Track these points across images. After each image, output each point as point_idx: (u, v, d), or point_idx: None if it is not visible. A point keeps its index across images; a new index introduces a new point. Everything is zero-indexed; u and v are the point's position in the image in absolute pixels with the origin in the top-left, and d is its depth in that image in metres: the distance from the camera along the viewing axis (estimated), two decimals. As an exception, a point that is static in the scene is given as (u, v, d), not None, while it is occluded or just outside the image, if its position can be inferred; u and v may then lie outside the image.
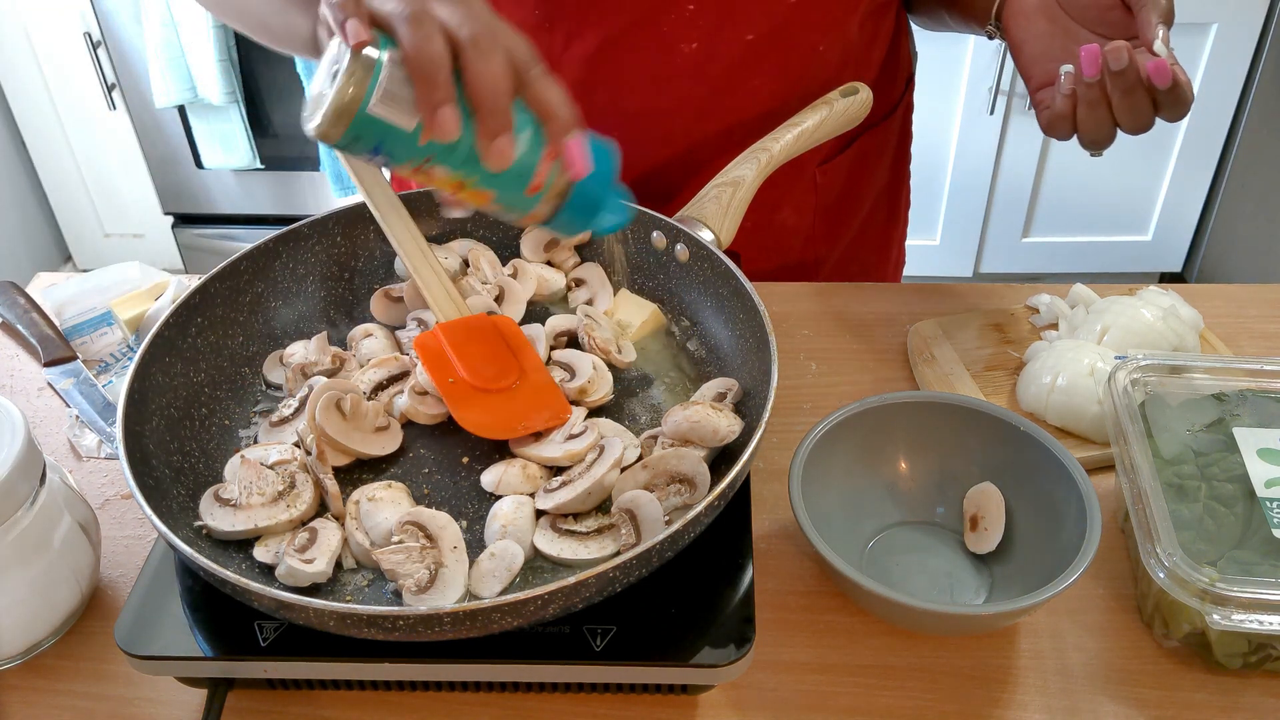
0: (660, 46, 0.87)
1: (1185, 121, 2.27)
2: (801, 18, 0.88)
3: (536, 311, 0.84)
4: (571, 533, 0.65)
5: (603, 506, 0.67)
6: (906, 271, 1.23)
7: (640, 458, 0.69)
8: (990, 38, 0.85)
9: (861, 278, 1.08)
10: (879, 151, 1.05)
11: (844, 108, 0.89)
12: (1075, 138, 0.74)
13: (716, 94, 0.90)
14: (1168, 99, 0.70)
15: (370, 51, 0.54)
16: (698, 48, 0.87)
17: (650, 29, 0.86)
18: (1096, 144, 0.74)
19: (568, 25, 0.87)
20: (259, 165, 2.46)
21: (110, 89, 2.41)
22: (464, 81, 0.55)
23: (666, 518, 0.64)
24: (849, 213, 1.06)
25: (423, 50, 0.53)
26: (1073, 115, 0.73)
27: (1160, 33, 0.69)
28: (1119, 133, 0.73)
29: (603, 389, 0.75)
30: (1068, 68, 0.72)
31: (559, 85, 0.59)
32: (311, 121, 0.56)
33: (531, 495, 0.68)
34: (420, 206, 0.85)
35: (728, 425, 0.68)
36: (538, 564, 0.65)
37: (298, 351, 0.78)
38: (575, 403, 0.74)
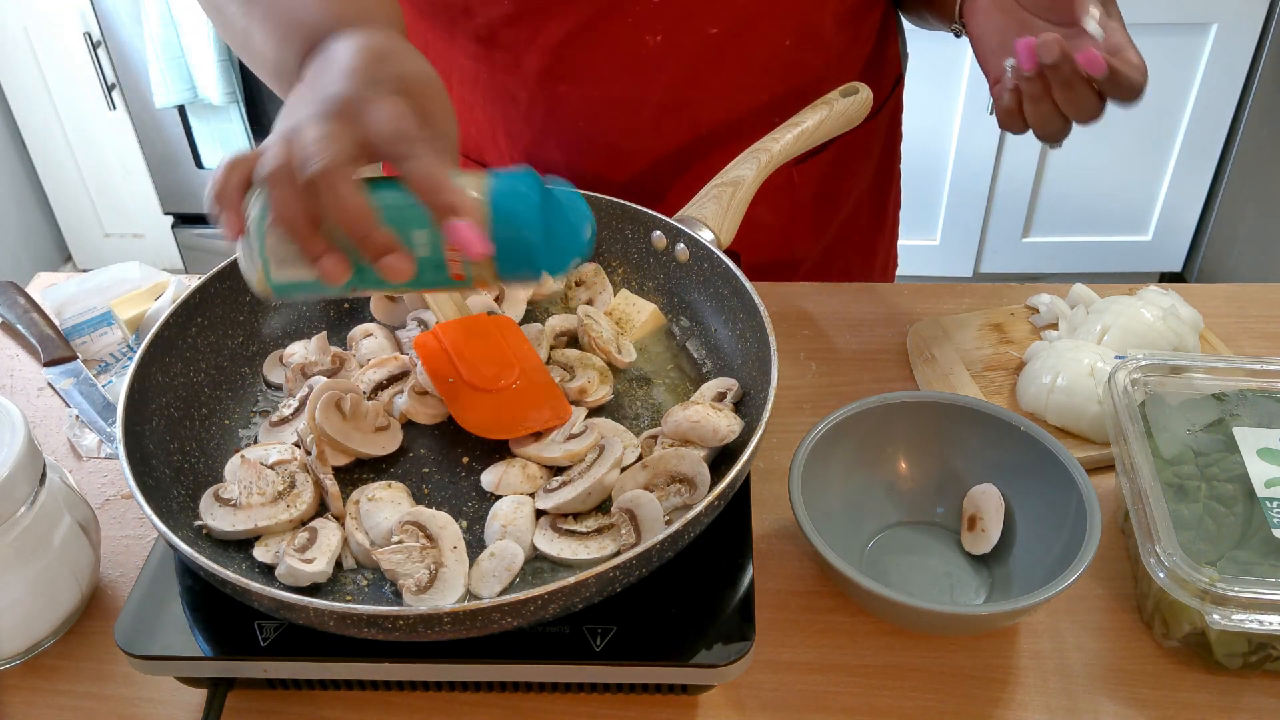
0: (625, 37, 0.87)
1: (1185, 121, 2.27)
2: (767, 12, 0.88)
3: (536, 312, 0.84)
4: (571, 533, 0.65)
5: (603, 506, 0.67)
6: (907, 271, 1.22)
7: (640, 458, 0.69)
8: (956, 35, 0.84)
9: (843, 279, 1.08)
10: (863, 152, 1.05)
11: (844, 108, 0.89)
12: (1031, 132, 0.73)
13: (681, 87, 0.90)
14: (1111, 86, 0.68)
15: (248, 232, 0.56)
16: (662, 40, 0.87)
17: (615, 20, 0.86)
18: (1050, 137, 0.72)
19: (535, 15, 0.87)
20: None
21: (110, 89, 2.41)
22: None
23: (666, 518, 0.64)
24: (828, 213, 1.05)
25: (281, 214, 0.54)
26: (1020, 109, 0.72)
27: (1093, 12, 0.67)
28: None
29: (603, 389, 0.75)
30: (1010, 62, 0.70)
31: (436, 162, 0.55)
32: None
33: (531, 495, 0.68)
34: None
35: (728, 425, 0.68)
36: (538, 564, 0.65)
37: (298, 351, 0.78)
38: (575, 403, 0.74)
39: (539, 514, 0.67)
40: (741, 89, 0.91)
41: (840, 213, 1.06)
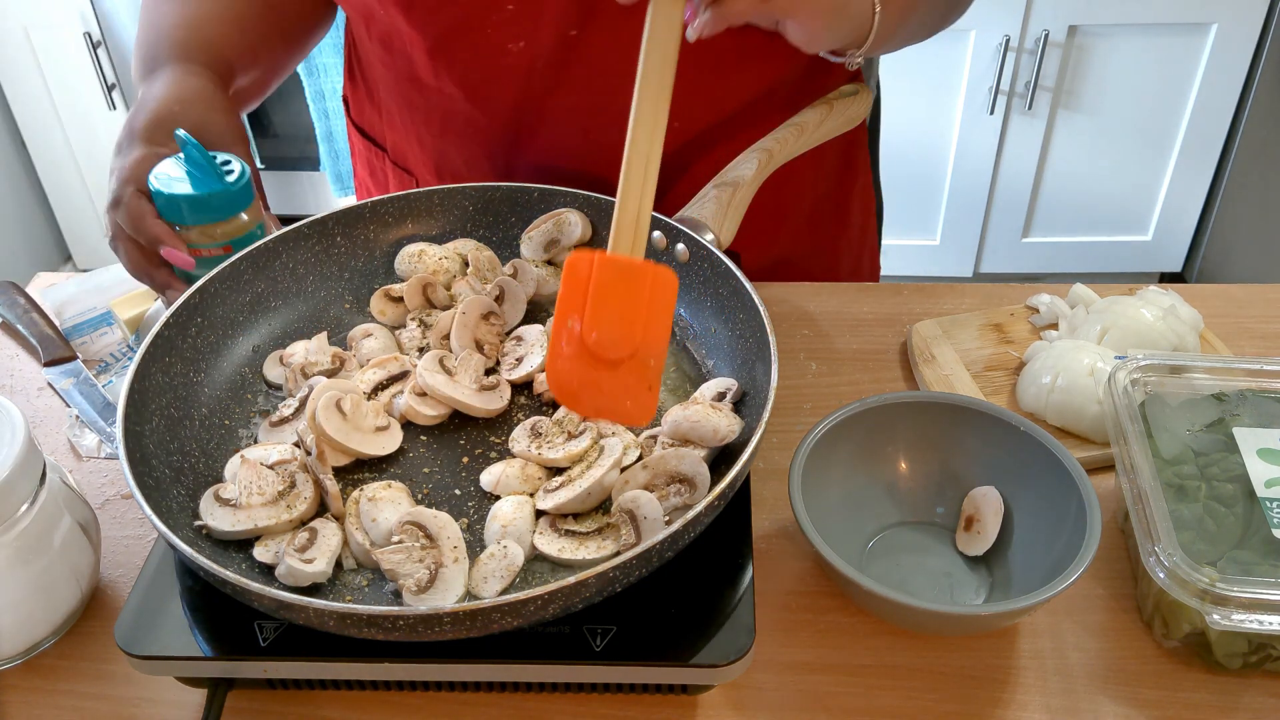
0: (489, 44, 0.87)
1: (1185, 121, 2.27)
2: (623, 11, 0.78)
3: (536, 312, 0.84)
4: (571, 533, 0.65)
5: (603, 506, 0.67)
6: (907, 271, 1.21)
7: (640, 458, 0.69)
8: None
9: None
10: (813, 159, 0.97)
11: (844, 107, 0.89)
12: None
13: (544, 93, 0.90)
14: None
15: None
16: (524, 45, 0.87)
17: (477, 27, 0.86)
18: None
19: (414, 18, 0.88)
20: (259, 165, 2.45)
21: (110, 89, 2.41)
22: None
23: (666, 518, 0.64)
24: (773, 219, 0.99)
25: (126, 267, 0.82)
26: None
27: None
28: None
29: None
30: None
31: (159, 226, 0.78)
32: None
33: (531, 495, 0.68)
34: (421, 207, 0.85)
35: (728, 425, 0.68)
36: (538, 564, 0.65)
37: (298, 351, 0.78)
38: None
39: (539, 514, 0.67)
40: (627, 90, 0.88)
41: (791, 219, 1.03)
